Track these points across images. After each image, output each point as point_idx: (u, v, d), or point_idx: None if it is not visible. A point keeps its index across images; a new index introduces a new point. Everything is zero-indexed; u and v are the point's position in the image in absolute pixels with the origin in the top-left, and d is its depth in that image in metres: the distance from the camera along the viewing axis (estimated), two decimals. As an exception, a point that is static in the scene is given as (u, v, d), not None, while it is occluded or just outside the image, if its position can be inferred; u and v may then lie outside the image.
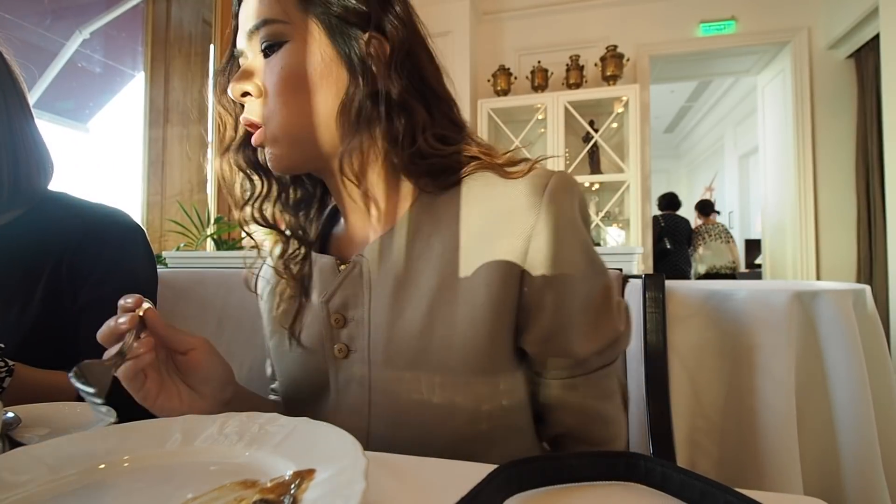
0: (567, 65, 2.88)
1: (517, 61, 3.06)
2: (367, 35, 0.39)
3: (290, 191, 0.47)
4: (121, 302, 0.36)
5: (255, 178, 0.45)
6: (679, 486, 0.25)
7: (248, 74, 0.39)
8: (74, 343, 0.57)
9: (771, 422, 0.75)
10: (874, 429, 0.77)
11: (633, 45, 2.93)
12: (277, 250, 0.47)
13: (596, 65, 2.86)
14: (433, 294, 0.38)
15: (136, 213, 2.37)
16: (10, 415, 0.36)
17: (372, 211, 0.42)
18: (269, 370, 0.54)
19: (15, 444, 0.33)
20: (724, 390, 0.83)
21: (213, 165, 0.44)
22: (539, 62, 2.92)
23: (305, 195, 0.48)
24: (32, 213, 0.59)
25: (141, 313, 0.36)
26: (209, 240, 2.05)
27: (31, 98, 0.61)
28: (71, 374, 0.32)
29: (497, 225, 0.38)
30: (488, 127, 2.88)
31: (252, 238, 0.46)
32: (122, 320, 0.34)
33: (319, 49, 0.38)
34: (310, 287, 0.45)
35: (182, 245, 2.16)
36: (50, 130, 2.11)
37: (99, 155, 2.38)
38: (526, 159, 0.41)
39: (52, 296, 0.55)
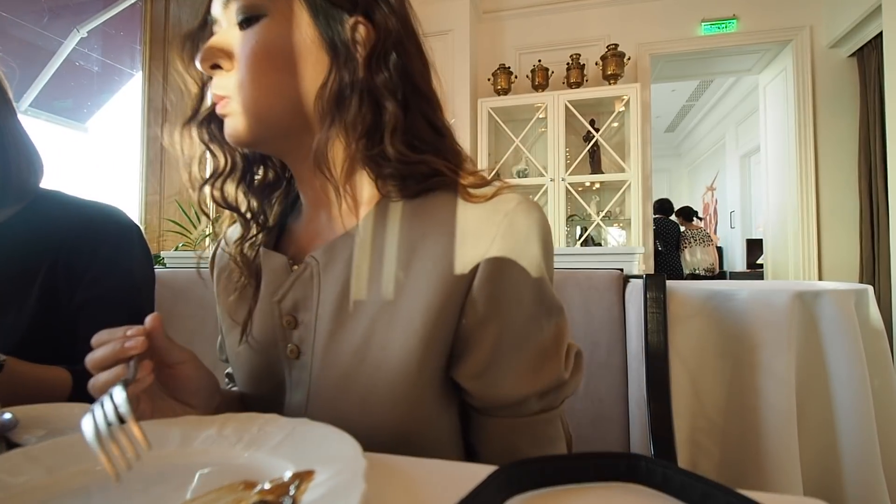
0: (568, 64, 2.87)
1: (517, 60, 3.06)
2: (353, 20, 0.37)
3: (258, 171, 0.45)
4: (119, 332, 0.33)
5: (219, 153, 0.42)
6: (680, 487, 0.25)
7: (219, 46, 0.37)
8: (72, 342, 0.57)
9: (772, 422, 0.75)
10: (875, 429, 0.77)
11: (634, 44, 2.93)
12: (235, 234, 0.44)
13: (597, 64, 2.85)
14: (374, 312, 0.37)
15: (135, 213, 2.37)
16: (8, 416, 0.36)
17: (332, 207, 0.40)
18: (223, 355, 0.52)
19: (12, 445, 0.33)
20: (726, 390, 0.83)
21: (172, 138, 0.41)
22: (539, 61, 2.91)
23: (272, 178, 0.46)
24: (26, 211, 0.58)
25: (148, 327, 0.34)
26: (208, 240, 2.05)
27: (29, 97, 0.61)
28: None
29: (449, 248, 0.35)
30: (488, 126, 2.88)
31: (208, 217, 0.44)
32: (130, 344, 0.32)
33: (300, 28, 0.36)
34: (261, 282, 0.43)
35: (181, 245, 2.15)
36: (48, 129, 2.11)
37: (97, 154, 2.38)
38: (499, 180, 0.39)
39: (48, 295, 0.55)
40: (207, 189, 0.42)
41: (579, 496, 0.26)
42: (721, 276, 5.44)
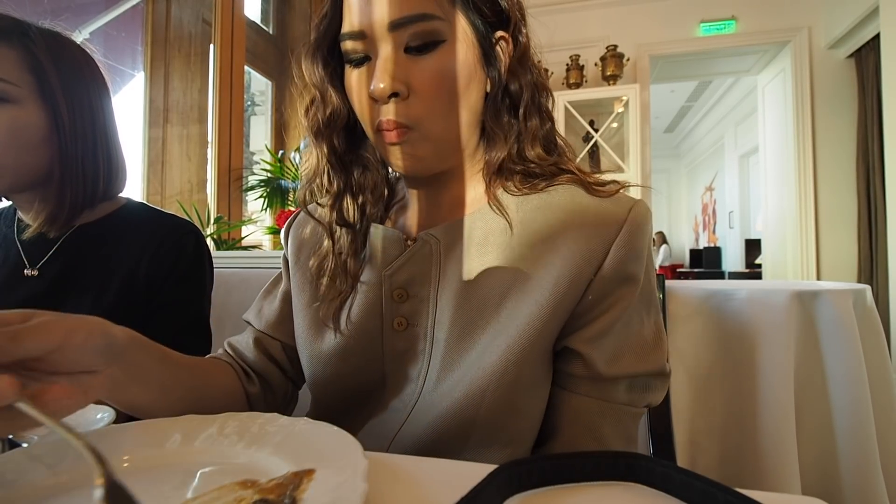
0: (567, 64, 2.88)
1: (517, 61, 3.06)
2: (499, 34, 0.40)
3: (365, 178, 0.45)
4: None
5: (339, 170, 0.43)
6: (679, 486, 0.25)
7: (397, 73, 0.36)
8: None
9: (770, 421, 0.75)
10: (873, 428, 0.77)
11: (634, 45, 2.93)
12: (345, 242, 0.44)
13: (596, 64, 2.86)
14: (505, 286, 0.39)
15: (136, 213, 2.35)
16: (10, 415, 0.36)
17: (450, 197, 0.43)
18: (262, 320, 0.50)
19: (14, 444, 0.33)
20: (724, 390, 0.83)
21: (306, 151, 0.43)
22: (539, 62, 2.90)
23: (377, 179, 0.46)
24: (115, 216, 0.63)
25: None
26: (209, 240, 2.05)
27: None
28: None
29: (578, 233, 0.39)
30: (488, 127, 2.88)
31: (332, 238, 0.44)
32: None
33: (470, 49, 0.38)
34: (364, 259, 0.44)
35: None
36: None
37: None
38: (614, 181, 0.42)
39: (125, 293, 0.58)
40: (334, 213, 0.43)
41: (579, 495, 0.26)
42: (720, 275, 5.45)
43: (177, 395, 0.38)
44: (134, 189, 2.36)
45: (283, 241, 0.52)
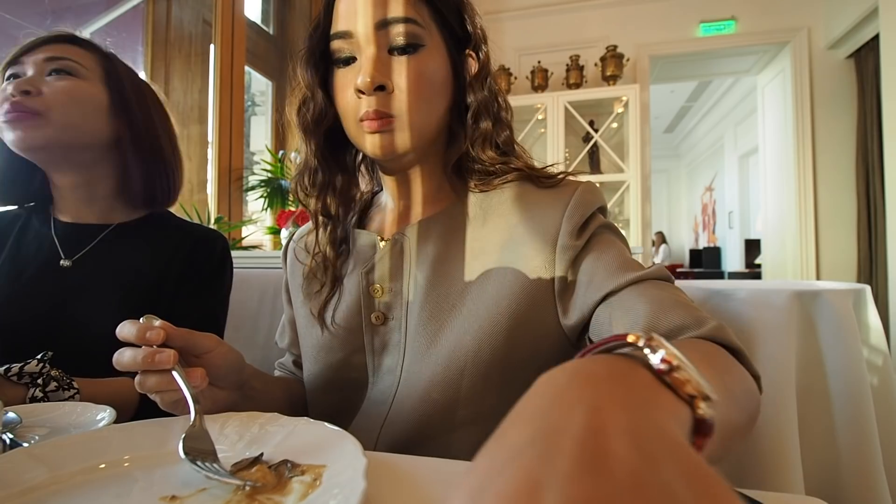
0: (567, 65, 2.88)
1: (517, 61, 3.06)
2: (467, 52, 0.47)
3: (343, 181, 0.50)
4: (141, 331, 0.33)
5: (324, 166, 0.48)
6: (679, 486, 0.25)
7: (385, 69, 0.41)
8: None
9: (771, 422, 0.75)
10: (874, 428, 0.77)
11: (633, 45, 2.93)
12: (324, 237, 0.49)
13: (596, 65, 2.86)
14: (468, 274, 0.44)
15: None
16: (11, 415, 0.36)
17: (420, 197, 0.49)
18: (284, 342, 0.58)
19: (15, 444, 0.33)
20: (724, 390, 0.83)
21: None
22: (539, 62, 2.92)
23: (354, 182, 0.52)
24: (149, 219, 0.67)
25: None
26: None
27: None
28: (186, 457, 0.28)
29: (531, 222, 0.44)
30: (488, 127, 2.88)
31: (316, 225, 0.49)
32: (160, 357, 0.33)
33: (444, 58, 0.44)
34: (346, 262, 0.50)
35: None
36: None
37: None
38: (563, 172, 0.48)
39: (152, 292, 0.62)
40: (319, 203, 0.48)
41: (578, 494, 0.26)
42: (719, 275, 5.45)
43: (273, 407, 0.44)
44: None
45: (282, 262, 0.58)
